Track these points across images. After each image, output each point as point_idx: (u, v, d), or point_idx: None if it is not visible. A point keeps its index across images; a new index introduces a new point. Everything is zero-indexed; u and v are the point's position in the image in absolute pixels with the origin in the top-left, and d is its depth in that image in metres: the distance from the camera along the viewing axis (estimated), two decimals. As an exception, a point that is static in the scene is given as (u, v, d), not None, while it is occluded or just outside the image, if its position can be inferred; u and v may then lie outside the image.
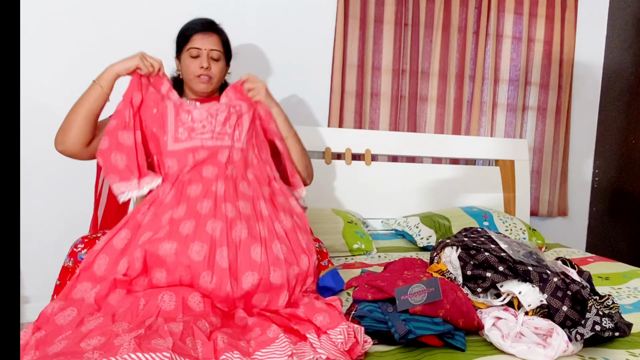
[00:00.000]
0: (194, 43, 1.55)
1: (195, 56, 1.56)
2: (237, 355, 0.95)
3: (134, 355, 0.86)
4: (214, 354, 0.95)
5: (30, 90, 2.09)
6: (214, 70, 1.57)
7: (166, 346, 0.90)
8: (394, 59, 2.56)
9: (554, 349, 1.05)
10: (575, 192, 3.07)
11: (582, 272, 1.34)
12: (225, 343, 0.99)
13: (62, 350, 0.94)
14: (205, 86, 1.57)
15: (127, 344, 0.90)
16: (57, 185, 2.16)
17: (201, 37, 1.56)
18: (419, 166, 2.56)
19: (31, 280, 2.16)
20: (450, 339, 1.11)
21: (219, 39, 1.59)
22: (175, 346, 0.92)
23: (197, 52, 1.55)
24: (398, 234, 2.36)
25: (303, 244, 1.39)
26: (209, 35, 1.57)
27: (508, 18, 2.76)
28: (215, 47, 1.57)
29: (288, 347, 0.99)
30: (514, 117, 2.83)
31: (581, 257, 2.11)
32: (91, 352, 0.89)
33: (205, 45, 1.55)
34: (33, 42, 2.08)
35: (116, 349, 0.89)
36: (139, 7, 2.21)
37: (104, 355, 0.88)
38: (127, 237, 1.26)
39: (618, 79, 2.95)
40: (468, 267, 1.30)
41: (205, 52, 1.55)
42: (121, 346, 0.89)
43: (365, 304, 1.18)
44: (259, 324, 1.11)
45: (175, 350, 0.90)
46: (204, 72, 1.55)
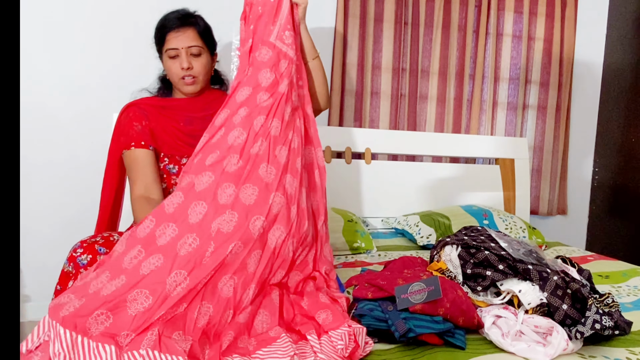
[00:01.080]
0: (169, 43, 1.48)
1: (174, 56, 1.49)
2: (237, 357, 0.96)
3: (151, 353, 0.89)
4: (218, 357, 0.96)
5: (32, 91, 2.09)
6: (197, 68, 1.51)
7: (183, 349, 0.92)
8: (394, 58, 2.56)
9: (554, 347, 1.06)
10: (575, 191, 3.07)
11: (582, 271, 1.34)
12: (227, 346, 0.99)
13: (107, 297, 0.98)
14: (192, 87, 1.53)
15: (151, 334, 0.92)
16: (58, 184, 2.16)
17: (175, 35, 1.47)
18: (419, 165, 2.56)
19: (32, 279, 2.16)
20: (450, 337, 1.11)
21: (195, 32, 1.50)
22: (191, 350, 0.94)
23: (175, 52, 1.48)
24: (398, 232, 2.36)
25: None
26: (183, 31, 1.48)
27: (508, 16, 2.76)
28: (192, 42, 1.49)
29: (290, 347, 0.98)
30: (514, 116, 2.83)
31: (581, 255, 2.11)
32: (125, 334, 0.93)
33: (182, 44, 1.47)
34: (35, 43, 2.08)
35: (140, 339, 0.92)
36: (139, 7, 2.21)
37: (130, 347, 0.91)
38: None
39: (618, 77, 2.95)
40: (468, 266, 1.30)
41: (183, 50, 1.48)
42: (145, 337, 0.92)
43: (366, 303, 1.18)
44: None
45: (190, 356, 0.92)
46: (186, 73, 1.49)
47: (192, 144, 1.55)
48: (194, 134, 1.56)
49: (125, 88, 2.05)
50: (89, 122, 2.17)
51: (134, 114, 1.53)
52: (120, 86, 2.17)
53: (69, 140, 2.16)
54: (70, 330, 0.92)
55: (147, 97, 1.62)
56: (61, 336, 0.91)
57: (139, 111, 1.53)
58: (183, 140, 1.56)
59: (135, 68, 2.20)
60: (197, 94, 1.58)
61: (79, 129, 2.16)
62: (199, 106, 1.60)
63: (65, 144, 2.16)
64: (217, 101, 1.63)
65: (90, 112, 2.17)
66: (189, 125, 1.57)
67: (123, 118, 1.54)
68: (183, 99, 1.60)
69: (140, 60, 2.20)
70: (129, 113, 1.54)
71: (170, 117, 1.56)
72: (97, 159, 1.95)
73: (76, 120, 2.16)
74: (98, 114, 2.16)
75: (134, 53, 2.21)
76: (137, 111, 1.53)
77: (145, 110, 1.54)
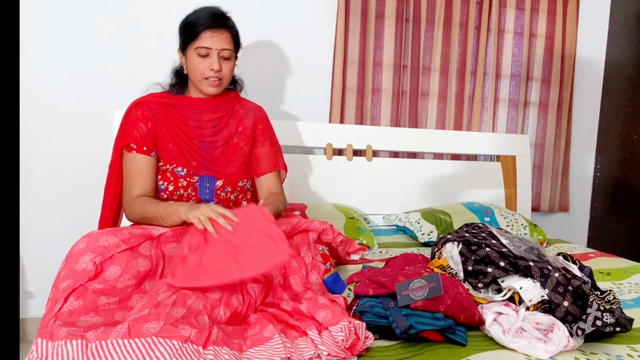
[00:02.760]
0: (203, 42, 1.45)
1: (204, 55, 1.46)
2: (226, 351, 0.96)
3: (120, 342, 0.91)
4: (204, 343, 0.96)
5: (35, 89, 2.09)
6: (225, 72, 1.50)
7: (152, 332, 0.93)
8: (395, 55, 2.56)
9: (555, 344, 1.06)
10: (577, 188, 3.06)
11: (583, 268, 1.34)
12: (219, 338, 0.99)
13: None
14: (215, 89, 1.52)
15: (120, 327, 0.94)
16: (61, 181, 2.16)
17: (211, 34, 1.45)
18: (420, 162, 2.56)
19: (35, 276, 2.17)
20: (451, 334, 1.11)
21: (229, 35, 1.49)
22: (162, 329, 0.94)
23: (207, 51, 1.46)
24: (399, 229, 2.36)
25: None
26: (219, 32, 1.46)
27: (509, 13, 2.75)
28: (226, 46, 1.47)
29: (282, 348, 0.98)
30: (516, 113, 2.82)
31: (582, 252, 2.11)
32: (93, 331, 0.95)
33: (216, 45, 1.45)
34: (38, 41, 2.08)
35: (109, 331, 0.94)
36: (144, 8, 2.21)
37: (99, 336, 0.93)
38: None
39: (620, 74, 2.94)
40: (469, 263, 1.30)
41: (215, 52, 1.46)
42: (114, 329, 0.94)
43: (367, 299, 1.19)
44: (259, 322, 1.11)
45: (163, 333, 0.93)
46: (214, 75, 1.48)
47: (199, 150, 1.55)
48: (201, 139, 1.56)
49: (127, 86, 2.06)
50: (92, 119, 2.17)
51: (142, 114, 1.51)
52: (124, 84, 2.18)
53: (72, 138, 2.16)
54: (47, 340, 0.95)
55: (157, 93, 1.59)
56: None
57: (147, 110, 1.51)
58: (190, 146, 1.54)
59: (138, 65, 2.20)
60: (214, 95, 1.57)
61: (82, 126, 2.16)
62: (211, 107, 1.59)
63: (68, 141, 2.16)
64: (228, 104, 1.63)
65: (93, 109, 2.17)
66: (197, 130, 1.56)
67: (131, 116, 1.52)
68: (196, 99, 1.58)
69: (144, 57, 2.21)
70: (137, 111, 1.51)
71: (178, 118, 1.54)
72: (100, 156, 1.96)
73: (79, 118, 2.16)
74: (101, 112, 2.16)
75: (137, 50, 2.20)
76: (146, 110, 1.51)
77: (154, 110, 1.52)
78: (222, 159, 1.58)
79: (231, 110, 1.64)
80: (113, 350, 0.90)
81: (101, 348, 0.91)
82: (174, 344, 0.92)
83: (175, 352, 0.91)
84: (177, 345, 0.92)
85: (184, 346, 0.93)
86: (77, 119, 2.16)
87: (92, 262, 1.14)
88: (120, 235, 1.22)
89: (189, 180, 1.53)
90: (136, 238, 1.24)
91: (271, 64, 2.42)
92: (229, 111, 1.63)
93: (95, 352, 0.90)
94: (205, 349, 0.95)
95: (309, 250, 1.39)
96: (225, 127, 1.61)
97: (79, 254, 1.15)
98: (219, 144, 1.59)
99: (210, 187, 1.55)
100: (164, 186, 1.53)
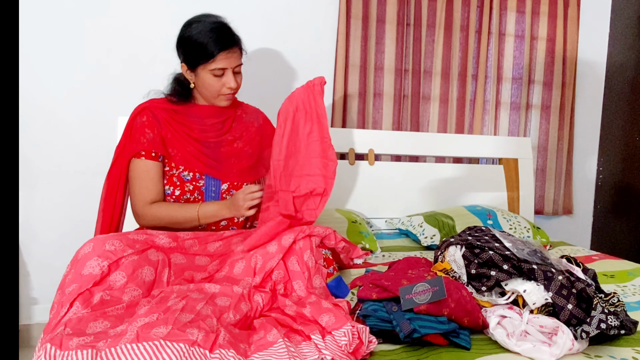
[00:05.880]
0: (219, 63, 1.47)
1: (220, 75, 1.49)
2: (232, 354, 0.96)
3: (129, 346, 0.92)
4: (211, 346, 0.96)
5: (37, 95, 2.10)
6: (238, 85, 1.55)
7: (160, 336, 0.94)
8: (397, 59, 2.56)
9: (560, 347, 1.05)
10: (580, 190, 3.06)
11: (587, 270, 1.34)
12: (225, 340, 1.00)
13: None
14: (229, 102, 1.57)
15: (129, 334, 0.95)
16: (64, 187, 2.17)
17: (227, 55, 1.47)
18: (422, 165, 2.56)
19: (39, 281, 2.17)
20: (455, 337, 1.11)
21: (239, 51, 1.53)
22: (170, 333, 0.96)
23: (223, 71, 1.49)
24: (402, 233, 2.36)
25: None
26: (233, 51, 1.49)
27: (510, 16, 2.76)
28: (238, 62, 1.52)
29: (285, 353, 0.98)
30: (518, 116, 2.82)
31: (586, 255, 2.10)
32: (103, 342, 0.96)
33: (232, 64, 1.49)
34: (40, 46, 2.09)
35: (121, 336, 0.95)
36: (145, 13, 2.22)
37: (109, 345, 0.94)
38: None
39: (621, 76, 2.94)
40: (472, 266, 1.30)
41: (230, 70, 1.49)
42: (125, 333, 0.95)
43: (370, 303, 1.19)
44: (263, 327, 1.11)
45: (170, 337, 0.94)
46: (230, 92, 1.52)
47: (205, 152, 1.56)
48: (208, 140, 1.58)
49: (130, 91, 2.07)
50: (95, 125, 2.17)
51: (148, 120, 1.52)
52: (126, 89, 2.19)
53: (75, 144, 2.17)
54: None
55: (160, 99, 1.59)
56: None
57: (152, 117, 1.52)
58: (197, 149, 1.56)
59: (140, 71, 2.21)
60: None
61: (85, 132, 2.17)
62: (215, 113, 1.61)
63: (71, 147, 2.17)
64: (230, 108, 1.65)
65: (96, 115, 2.18)
66: (202, 133, 1.58)
67: (136, 123, 1.52)
68: (202, 106, 1.60)
69: (146, 63, 2.22)
70: (142, 117, 1.52)
71: (183, 122, 1.56)
72: (103, 162, 1.96)
73: (82, 124, 2.17)
74: (104, 117, 2.17)
75: (140, 55, 2.22)
76: (150, 117, 1.52)
77: (158, 116, 1.53)
78: (226, 162, 1.60)
79: (233, 113, 1.67)
80: (122, 354, 0.91)
81: (110, 354, 0.92)
82: (181, 347, 0.93)
83: (182, 355, 0.92)
84: (184, 349, 0.93)
85: (191, 349, 0.94)
86: (79, 124, 2.17)
87: (98, 267, 1.15)
88: (125, 240, 1.23)
89: (195, 184, 1.55)
90: (141, 244, 1.25)
91: (273, 69, 2.43)
92: (231, 114, 1.66)
93: (104, 358, 0.91)
94: (212, 353, 0.95)
95: (312, 254, 1.39)
96: (229, 131, 1.64)
97: (85, 258, 1.16)
98: (223, 145, 1.61)
99: (215, 191, 1.56)
100: (170, 191, 1.54)
